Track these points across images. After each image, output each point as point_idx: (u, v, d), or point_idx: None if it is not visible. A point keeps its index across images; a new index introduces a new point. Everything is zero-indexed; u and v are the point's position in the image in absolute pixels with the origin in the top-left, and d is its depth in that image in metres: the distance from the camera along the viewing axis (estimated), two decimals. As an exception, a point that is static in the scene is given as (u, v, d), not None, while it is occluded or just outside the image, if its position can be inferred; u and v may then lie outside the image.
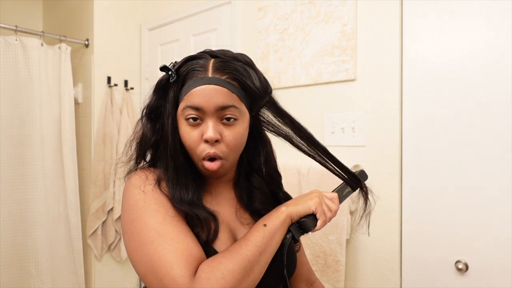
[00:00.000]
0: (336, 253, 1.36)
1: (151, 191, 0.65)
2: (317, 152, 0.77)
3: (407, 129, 1.29)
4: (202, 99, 0.65)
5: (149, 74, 2.30)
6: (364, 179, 0.84)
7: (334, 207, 0.71)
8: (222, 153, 0.67)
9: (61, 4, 2.41)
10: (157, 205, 0.63)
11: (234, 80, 0.67)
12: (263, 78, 0.72)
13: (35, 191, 1.91)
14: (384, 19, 1.33)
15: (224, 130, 0.67)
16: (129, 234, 0.63)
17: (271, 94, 0.75)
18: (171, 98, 0.69)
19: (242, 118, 0.68)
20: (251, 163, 0.81)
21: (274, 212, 0.66)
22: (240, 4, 1.79)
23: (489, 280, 1.13)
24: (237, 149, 0.70)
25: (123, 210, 0.67)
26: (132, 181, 0.68)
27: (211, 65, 0.67)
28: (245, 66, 0.69)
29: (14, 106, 1.90)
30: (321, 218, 0.68)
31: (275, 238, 0.63)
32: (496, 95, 1.11)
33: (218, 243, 0.67)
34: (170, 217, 0.62)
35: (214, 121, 0.66)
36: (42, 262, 1.91)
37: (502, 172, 1.10)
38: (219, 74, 0.66)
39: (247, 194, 0.78)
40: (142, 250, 0.59)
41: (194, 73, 0.67)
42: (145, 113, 0.73)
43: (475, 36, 1.16)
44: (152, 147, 0.74)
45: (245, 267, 0.57)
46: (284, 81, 1.60)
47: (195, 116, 0.66)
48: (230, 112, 0.66)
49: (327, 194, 0.74)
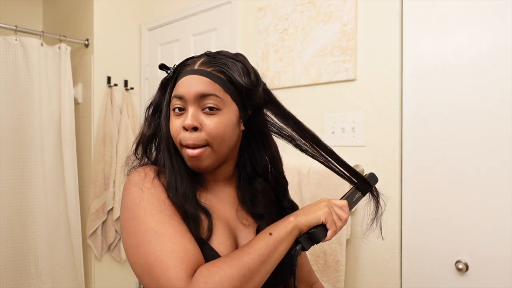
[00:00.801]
0: (336, 253, 1.36)
1: (150, 188, 0.65)
2: (323, 154, 0.76)
3: (407, 129, 1.29)
4: (184, 88, 0.68)
5: (149, 74, 2.30)
6: (375, 183, 0.80)
7: (344, 215, 0.70)
8: (202, 141, 0.67)
9: (61, 4, 2.41)
10: (155, 204, 0.63)
11: (220, 72, 0.69)
12: (253, 74, 0.72)
13: (35, 191, 1.91)
14: (384, 19, 1.33)
15: (204, 119, 0.67)
16: (126, 232, 0.63)
17: (271, 94, 0.76)
18: (167, 92, 0.73)
19: (226, 109, 0.68)
20: (254, 166, 0.80)
21: (281, 221, 0.65)
22: (240, 4, 1.79)
23: (489, 280, 1.13)
24: (221, 139, 0.68)
25: (122, 208, 0.67)
26: (131, 179, 0.68)
27: (201, 60, 0.71)
28: (235, 61, 0.70)
29: (14, 106, 1.90)
30: (331, 228, 0.67)
31: (279, 248, 0.61)
32: (497, 95, 1.11)
33: (216, 241, 0.66)
34: (168, 216, 0.62)
35: (194, 109, 0.67)
36: (42, 262, 1.91)
37: (503, 172, 1.10)
38: (205, 66, 0.69)
39: (250, 198, 0.77)
40: (138, 250, 0.59)
41: (184, 68, 0.71)
42: (149, 111, 0.76)
43: (475, 36, 1.16)
44: (152, 142, 0.75)
45: (245, 274, 0.56)
46: (284, 81, 1.60)
47: (180, 106, 0.68)
48: (211, 101, 0.67)
49: (337, 202, 0.72)
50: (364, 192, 0.78)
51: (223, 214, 0.72)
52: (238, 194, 0.78)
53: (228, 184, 0.78)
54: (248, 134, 0.78)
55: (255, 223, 0.75)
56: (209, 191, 0.75)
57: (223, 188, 0.77)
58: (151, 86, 2.26)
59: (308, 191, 1.42)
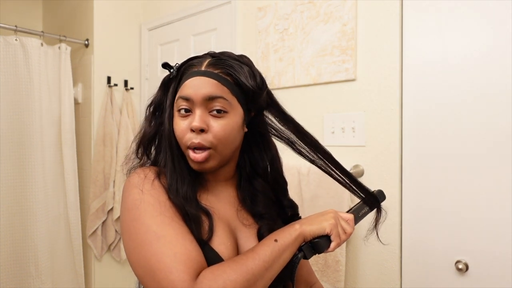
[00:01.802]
0: (336, 253, 1.36)
1: (150, 189, 0.65)
2: (322, 159, 0.76)
3: (407, 129, 1.29)
4: (191, 90, 0.67)
5: (149, 74, 2.30)
6: (382, 200, 0.81)
7: (349, 229, 0.70)
8: (207, 143, 0.67)
9: (61, 4, 2.41)
10: (155, 205, 0.63)
11: (227, 75, 0.69)
12: (259, 77, 0.72)
13: (35, 191, 1.91)
14: (384, 19, 1.33)
15: (212, 121, 0.67)
16: (127, 234, 0.63)
17: (273, 97, 0.76)
18: (170, 92, 0.72)
19: (233, 112, 0.69)
20: (254, 167, 0.80)
21: (287, 228, 0.65)
22: (240, 4, 1.79)
23: (489, 280, 1.13)
24: (226, 141, 0.69)
25: (122, 209, 0.67)
26: (131, 180, 0.68)
27: (207, 61, 0.70)
28: (241, 64, 0.70)
29: (14, 106, 1.90)
30: (335, 240, 0.67)
31: (284, 255, 0.61)
32: (497, 95, 1.11)
33: (216, 241, 0.66)
34: (169, 218, 0.62)
35: (202, 111, 0.67)
36: (42, 262, 1.91)
37: (503, 171, 1.10)
38: (212, 68, 0.69)
39: (250, 197, 0.77)
40: (140, 252, 0.59)
41: (190, 68, 0.71)
42: (149, 109, 0.76)
43: (476, 36, 1.16)
44: (152, 142, 0.75)
45: (249, 279, 0.56)
46: (284, 81, 1.60)
47: (186, 108, 0.68)
48: (219, 103, 0.67)
49: (343, 215, 0.72)
50: (371, 207, 0.78)
51: (223, 215, 0.72)
52: (239, 194, 0.78)
53: (229, 184, 0.78)
54: (249, 135, 0.78)
55: (256, 223, 0.75)
56: (210, 191, 0.75)
57: (224, 188, 0.77)
58: (151, 86, 2.26)
59: (308, 191, 1.42)
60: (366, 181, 1.34)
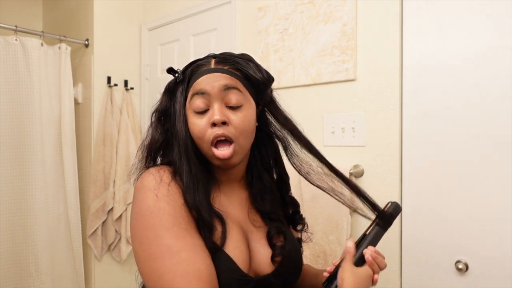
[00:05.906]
0: (336, 253, 1.36)
1: (166, 195, 0.64)
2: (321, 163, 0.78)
3: (407, 129, 1.29)
4: (206, 84, 0.69)
5: (149, 74, 2.30)
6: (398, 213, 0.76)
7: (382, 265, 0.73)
8: (231, 134, 0.67)
9: (61, 4, 2.41)
10: (170, 214, 0.62)
11: (236, 70, 0.71)
12: (264, 70, 0.75)
13: (35, 191, 1.91)
14: (384, 19, 1.33)
15: (230, 114, 0.68)
16: (139, 242, 0.62)
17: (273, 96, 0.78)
18: (179, 96, 0.72)
19: (247, 104, 0.70)
20: (262, 163, 0.82)
21: None
22: (240, 4, 1.79)
23: (489, 280, 1.13)
24: (246, 133, 0.70)
25: (134, 213, 0.65)
26: (144, 183, 0.66)
27: (214, 60, 0.73)
28: (245, 60, 0.73)
29: (14, 106, 1.90)
30: None
31: None
32: (497, 95, 1.11)
33: (230, 246, 0.66)
34: (183, 230, 0.61)
35: (220, 104, 0.68)
36: (42, 262, 1.91)
37: (503, 171, 1.10)
38: (222, 65, 0.71)
39: (260, 195, 0.78)
40: (151, 265, 0.59)
41: (199, 68, 0.72)
42: (155, 117, 0.75)
43: (476, 36, 1.15)
44: (161, 149, 0.74)
45: None
46: (284, 81, 1.60)
47: (202, 105, 0.68)
48: (235, 95, 0.68)
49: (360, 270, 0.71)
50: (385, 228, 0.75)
51: (235, 217, 0.73)
52: (249, 193, 0.79)
53: (240, 185, 0.79)
54: (256, 131, 0.78)
55: (265, 225, 0.76)
56: (222, 192, 0.75)
57: (235, 189, 0.78)
58: (151, 86, 2.26)
59: (308, 191, 1.42)
60: (366, 181, 1.35)
